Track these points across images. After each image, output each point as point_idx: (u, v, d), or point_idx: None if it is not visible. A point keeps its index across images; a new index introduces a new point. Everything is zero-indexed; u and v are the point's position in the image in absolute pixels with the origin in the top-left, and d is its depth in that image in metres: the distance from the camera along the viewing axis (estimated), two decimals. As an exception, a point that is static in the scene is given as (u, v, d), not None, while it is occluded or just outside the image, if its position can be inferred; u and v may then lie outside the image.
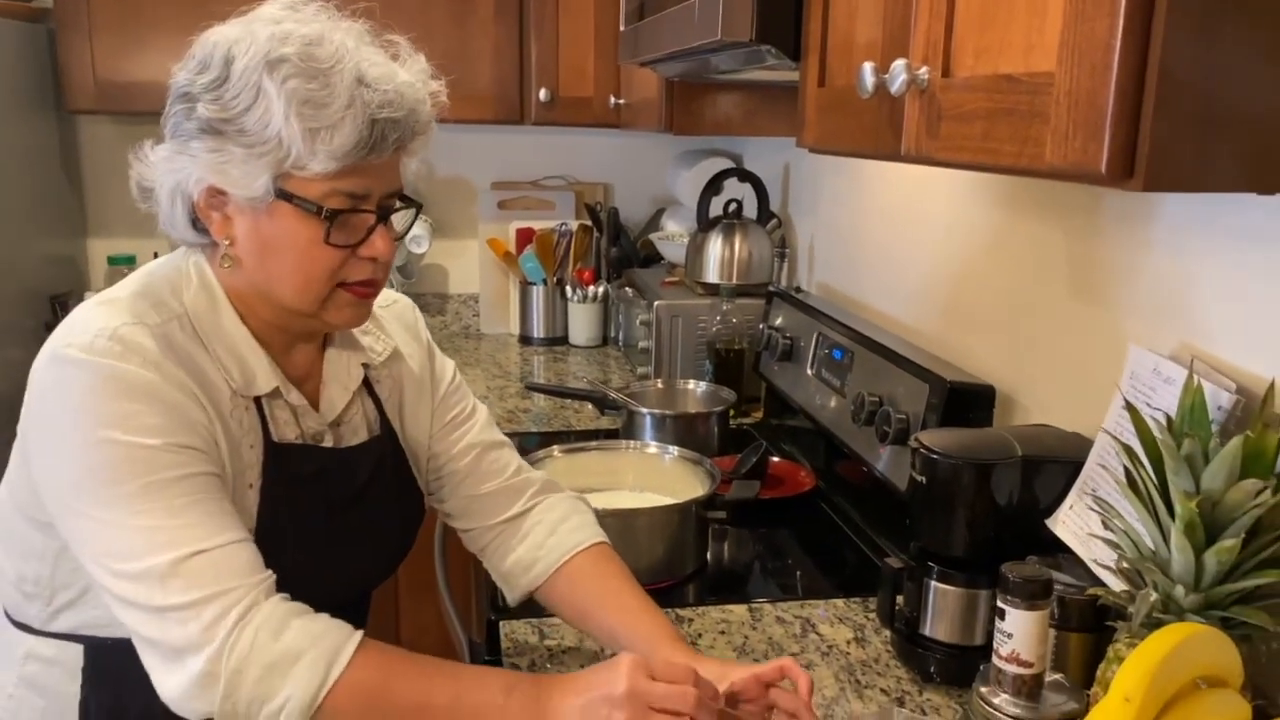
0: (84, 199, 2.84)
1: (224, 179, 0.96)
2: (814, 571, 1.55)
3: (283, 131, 0.92)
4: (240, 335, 1.03)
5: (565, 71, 2.61)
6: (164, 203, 1.01)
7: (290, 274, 1.00)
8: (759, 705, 1.01)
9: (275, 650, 0.90)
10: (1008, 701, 0.97)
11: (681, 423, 1.93)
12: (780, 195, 2.56)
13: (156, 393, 0.95)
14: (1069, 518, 1.14)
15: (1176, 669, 0.83)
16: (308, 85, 0.93)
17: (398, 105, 0.97)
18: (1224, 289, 1.07)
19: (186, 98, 0.96)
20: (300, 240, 0.98)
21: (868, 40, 1.07)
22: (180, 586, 0.91)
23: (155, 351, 0.96)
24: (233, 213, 0.99)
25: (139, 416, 0.93)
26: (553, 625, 1.32)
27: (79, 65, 2.43)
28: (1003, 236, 1.49)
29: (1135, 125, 0.67)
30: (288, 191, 0.96)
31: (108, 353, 0.94)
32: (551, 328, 2.91)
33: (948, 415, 1.40)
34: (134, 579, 0.92)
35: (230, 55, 0.94)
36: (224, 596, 0.91)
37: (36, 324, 2.50)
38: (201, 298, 1.03)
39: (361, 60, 0.96)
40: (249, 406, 1.04)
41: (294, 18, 0.97)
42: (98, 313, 0.98)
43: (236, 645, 0.90)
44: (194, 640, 0.90)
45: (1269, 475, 0.89)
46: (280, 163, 0.94)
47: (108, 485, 0.93)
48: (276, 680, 0.90)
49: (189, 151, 0.96)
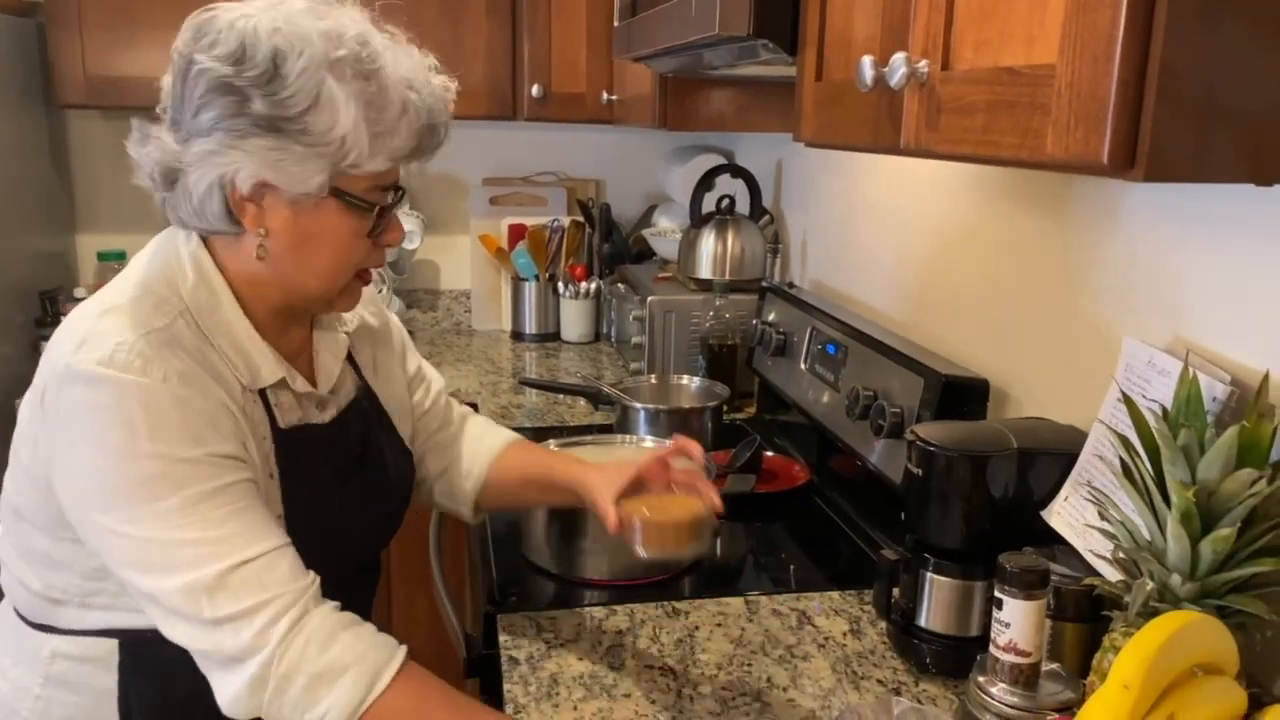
0: (73, 194, 2.82)
1: (279, 175, 0.96)
2: (809, 564, 1.55)
3: (349, 134, 0.94)
4: (243, 328, 1.03)
5: (558, 67, 2.61)
6: (197, 192, 0.98)
7: (325, 265, 1.02)
8: (662, 482, 1.15)
9: (322, 662, 0.92)
10: (1005, 691, 0.98)
11: (675, 418, 1.94)
12: (773, 191, 2.56)
13: (188, 404, 0.95)
14: (1064, 509, 1.15)
15: (1173, 657, 0.83)
16: (368, 88, 0.95)
17: (440, 111, 1.01)
18: (1218, 281, 1.08)
19: (231, 90, 0.94)
20: (343, 234, 1.01)
21: (866, 33, 1.07)
22: (228, 598, 0.92)
23: (177, 360, 0.96)
24: (270, 205, 0.99)
25: (173, 430, 0.93)
26: (549, 618, 1.33)
27: (69, 60, 2.42)
28: (996, 230, 1.50)
29: (1136, 116, 0.68)
30: (339, 188, 0.98)
31: (129, 367, 0.93)
32: (544, 324, 2.91)
33: (942, 409, 1.41)
34: (181, 593, 0.93)
35: (278, 51, 0.93)
36: (273, 604, 0.93)
37: (26, 320, 2.49)
38: (201, 291, 1.02)
39: (398, 60, 0.99)
40: (255, 399, 1.05)
41: (331, 12, 0.97)
42: (107, 323, 0.97)
43: (288, 653, 0.92)
44: (248, 646, 0.92)
45: (1264, 465, 0.90)
46: (338, 162, 0.96)
47: (146, 502, 0.93)
48: (322, 690, 0.92)
49: (243, 147, 0.94)
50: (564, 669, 1.21)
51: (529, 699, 1.15)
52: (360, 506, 1.15)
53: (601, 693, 1.16)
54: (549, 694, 1.16)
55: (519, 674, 1.20)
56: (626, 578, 1.43)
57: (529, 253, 2.87)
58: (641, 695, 1.16)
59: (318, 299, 1.06)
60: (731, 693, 1.17)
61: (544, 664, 1.22)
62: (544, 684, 1.18)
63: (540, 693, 1.16)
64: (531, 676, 1.19)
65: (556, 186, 3.06)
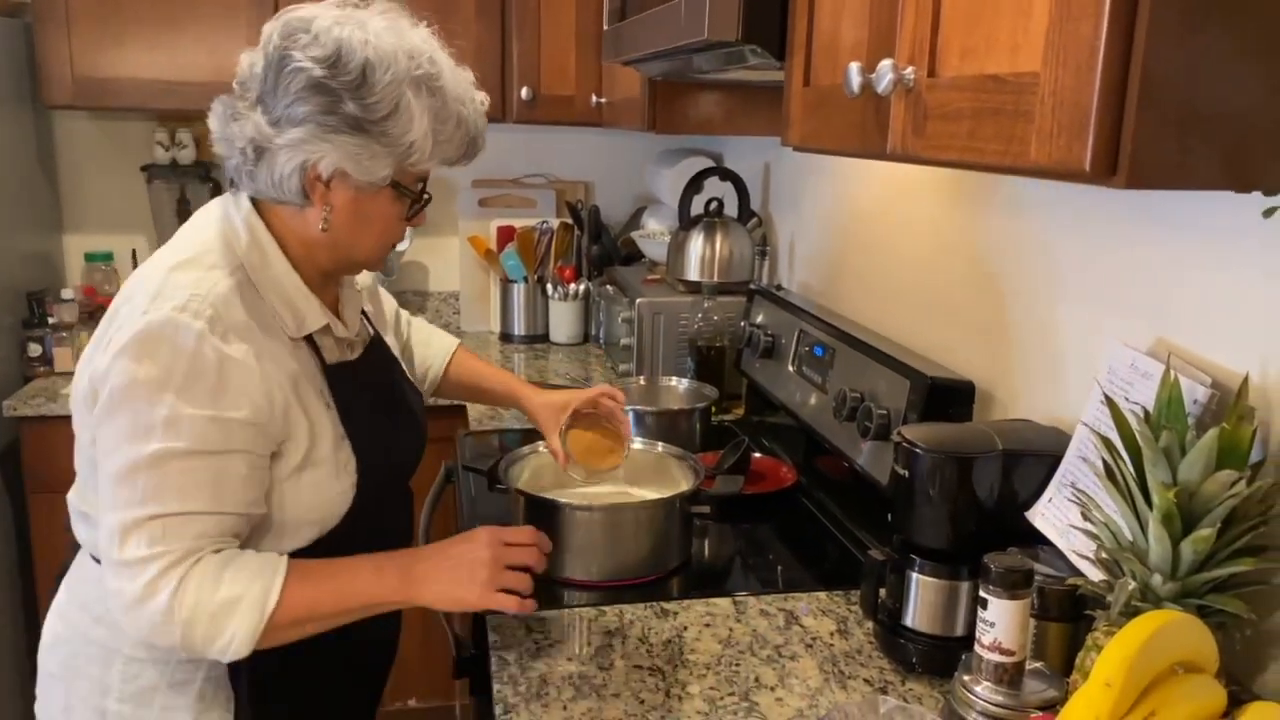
0: (60, 195, 2.81)
1: (355, 166, 1.10)
2: (796, 565, 1.56)
3: (418, 140, 1.10)
4: (292, 283, 1.18)
5: (547, 70, 2.62)
6: (281, 170, 1.11)
7: (374, 239, 1.19)
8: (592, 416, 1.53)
9: (216, 601, 1.06)
10: (989, 689, 0.99)
11: (664, 419, 1.95)
12: (761, 194, 2.58)
13: (231, 362, 1.08)
14: (1048, 510, 1.16)
15: (1155, 655, 0.85)
16: (435, 102, 1.11)
17: (483, 126, 1.19)
18: (1199, 285, 1.09)
19: (326, 91, 1.07)
20: (391, 216, 1.18)
21: (853, 40, 1.08)
22: (135, 544, 1.05)
23: (239, 312, 1.11)
24: (337, 187, 1.13)
25: (199, 387, 1.06)
26: (538, 620, 1.33)
27: (57, 60, 2.42)
28: (981, 233, 1.52)
29: (1118, 125, 0.69)
30: (396, 181, 1.15)
31: (200, 315, 1.07)
32: (532, 325, 2.91)
33: (928, 411, 1.42)
34: (108, 529, 1.07)
35: (369, 62, 1.07)
36: (164, 558, 1.05)
37: (14, 321, 2.48)
38: (254, 251, 1.16)
39: (455, 78, 1.15)
40: (302, 345, 1.19)
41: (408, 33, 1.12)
42: (179, 276, 1.10)
43: (184, 602, 1.05)
44: (136, 595, 1.05)
45: (1243, 466, 0.91)
46: (403, 160, 1.12)
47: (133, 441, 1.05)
48: (223, 622, 1.06)
49: (331, 140, 1.08)
50: (553, 669, 1.22)
51: (518, 699, 1.15)
52: (398, 426, 1.32)
53: (590, 693, 1.17)
54: (538, 694, 1.17)
55: (508, 674, 1.20)
56: (615, 578, 1.44)
57: (518, 254, 2.88)
58: (630, 695, 1.17)
59: (363, 264, 1.24)
60: (720, 693, 1.18)
61: (533, 664, 1.23)
62: (533, 684, 1.19)
63: (530, 693, 1.17)
64: (521, 677, 1.20)
65: (545, 188, 3.07)
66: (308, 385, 1.18)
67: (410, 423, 1.37)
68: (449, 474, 1.84)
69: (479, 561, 1.15)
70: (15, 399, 2.31)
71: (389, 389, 1.34)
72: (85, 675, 1.21)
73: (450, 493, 1.88)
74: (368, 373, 1.30)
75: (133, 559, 1.05)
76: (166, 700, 1.19)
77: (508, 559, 1.16)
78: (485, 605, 1.15)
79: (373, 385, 1.30)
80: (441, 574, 1.15)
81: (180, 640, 1.06)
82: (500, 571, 1.15)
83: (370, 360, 1.31)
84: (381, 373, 1.34)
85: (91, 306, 2.66)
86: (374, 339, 1.35)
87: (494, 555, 1.15)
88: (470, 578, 1.14)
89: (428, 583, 1.14)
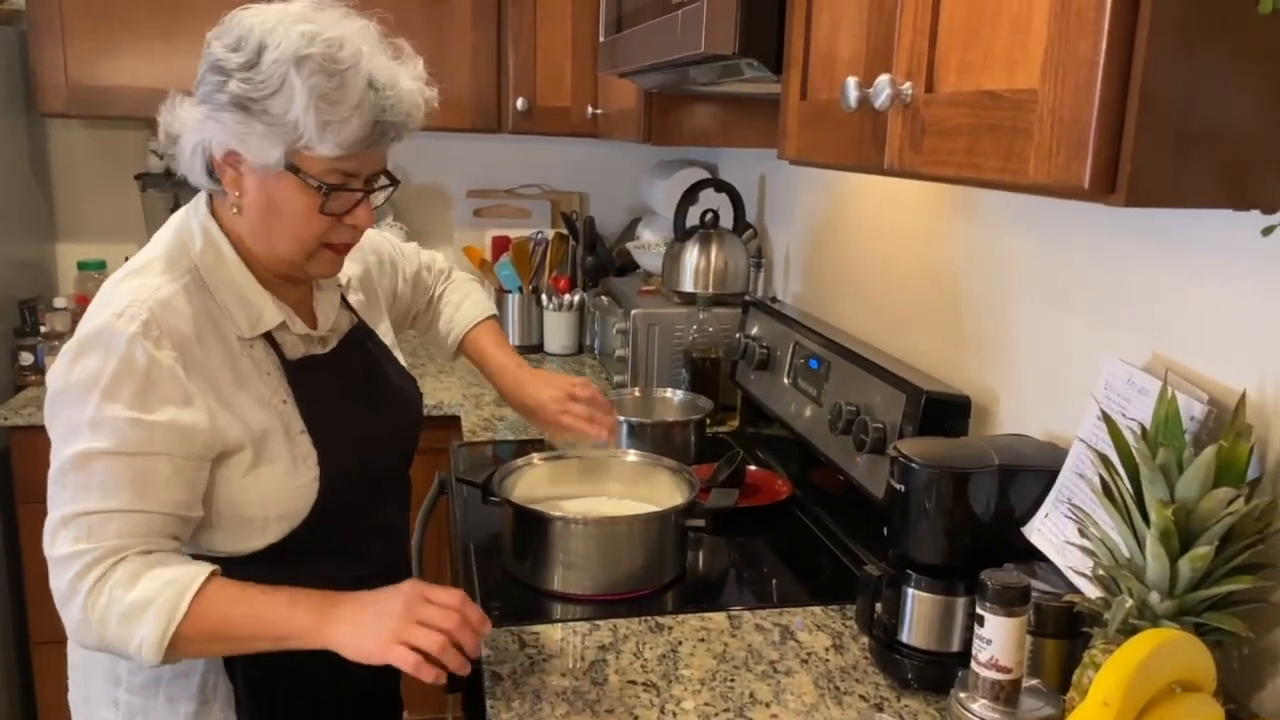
0: (53, 203, 2.80)
1: (243, 147, 1.12)
2: (791, 579, 1.56)
3: (300, 119, 1.08)
4: (246, 281, 1.19)
5: (543, 81, 2.62)
6: (186, 152, 1.16)
7: (287, 232, 1.17)
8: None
9: (127, 602, 1.06)
10: (985, 707, 0.98)
11: (658, 431, 1.94)
12: (756, 206, 2.58)
13: (160, 369, 1.10)
14: (1045, 526, 1.16)
15: (1153, 674, 0.84)
16: (327, 83, 1.08)
17: (398, 109, 1.14)
18: (1197, 301, 1.09)
19: (221, 71, 1.10)
20: (299, 207, 1.15)
21: (851, 54, 1.08)
22: (63, 540, 1.08)
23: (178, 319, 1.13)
24: (245, 172, 1.15)
25: (128, 391, 1.08)
26: (532, 634, 1.32)
27: (51, 68, 2.41)
28: (978, 248, 1.52)
29: (1118, 142, 0.69)
30: (295, 166, 1.13)
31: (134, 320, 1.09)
32: (527, 336, 2.91)
33: (924, 425, 1.42)
34: (48, 527, 1.09)
35: (263, 44, 1.09)
36: (88, 554, 1.07)
37: (5, 329, 2.47)
38: (209, 251, 1.19)
39: (374, 64, 1.13)
40: (254, 344, 1.20)
41: (321, 19, 1.12)
42: (126, 285, 1.14)
43: (98, 602, 1.06)
44: (64, 591, 1.08)
45: (1241, 484, 0.91)
46: (293, 142, 1.10)
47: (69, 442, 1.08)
48: (131, 626, 1.06)
49: (218, 119, 1.11)
50: (547, 684, 1.21)
51: (512, 715, 1.15)
52: (373, 415, 1.32)
53: (584, 708, 1.16)
54: (532, 710, 1.16)
55: (501, 690, 1.20)
56: (609, 592, 1.43)
57: (513, 265, 2.87)
58: (624, 711, 1.16)
59: (289, 262, 1.20)
60: (714, 708, 1.17)
61: (527, 679, 1.22)
62: (527, 700, 1.18)
63: (524, 709, 1.16)
64: (514, 692, 1.19)
65: (540, 199, 3.07)
66: (259, 384, 1.19)
67: (395, 415, 1.36)
68: (442, 486, 1.83)
69: (388, 612, 1.08)
70: (6, 408, 2.29)
71: (366, 382, 1.33)
72: (99, 665, 1.25)
73: (443, 505, 1.87)
74: (341, 365, 1.30)
75: (60, 555, 1.08)
76: (171, 691, 1.22)
77: (420, 615, 1.07)
78: (383, 658, 1.06)
79: (346, 378, 1.30)
80: (353, 620, 1.08)
81: (96, 640, 1.08)
82: (408, 626, 1.06)
83: (346, 353, 1.32)
84: (360, 366, 1.34)
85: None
86: (355, 331, 1.35)
87: (405, 607, 1.08)
88: (376, 628, 1.07)
89: (338, 626, 1.08)
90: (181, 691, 1.22)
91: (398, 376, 1.41)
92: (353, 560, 1.29)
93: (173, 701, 1.23)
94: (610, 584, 1.43)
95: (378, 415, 1.33)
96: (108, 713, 1.25)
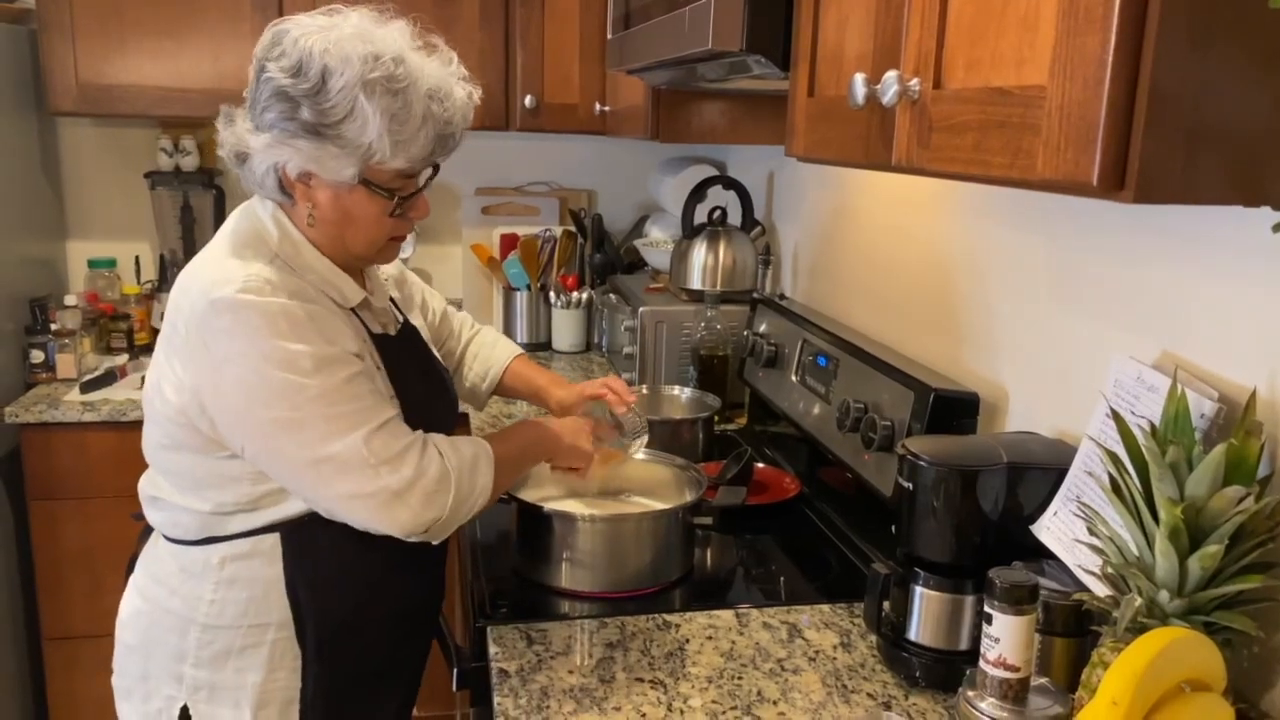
0: (64, 202, 2.81)
1: (319, 168, 1.19)
2: (799, 577, 1.55)
3: (374, 141, 1.16)
4: (325, 265, 1.26)
5: (550, 78, 2.62)
6: (258, 172, 1.22)
7: (362, 236, 1.26)
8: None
9: (465, 456, 1.25)
10: (994, 705, 0.98)
11: (666, 429, 1.94)
12: (764, 203, 2.57)
13: (315, 316, 1.19)
14: (1054, 524, 1.15)
15: (1162, 673, 0.84)
16: (394, 103, 1.15)
17: (455, 122, 1.23)
18: (1207, 298, 1.09)
19: (286, 99, 1.15)
20: (372, 213, 1.24)
21: (858, 51, 1.08)
22: (381, 445, 1.18)
23: (294, 283, 1.20)
24: (316, 186, 1.22)
25: (311, 333, 1.17)
26: (540, 631, 1.33)
27: (61, 67, 2.42)
28: (986, 245, 1.51)
29: (1126, 139, 0.69)
30: (368, 179, 1.21)
31: (263, 291, 1.16)
32: (535, 333, 2.91)
33: (933, 422, 1.41)
34: (347, 450, 1.16)
35: (327, 68, 1.14)
36: (415, 445, 1.21)
37: (16, 327, 2.48)
38: (286, 243, 1.25)
39: (426, 73, 1.19)
40: (351, 315, 1.28)
41: (372, 33, 1.17)
42: (230, 264, 1.20)
43: (450, 461, 1.23)
44: (410, 476, 1.18)
45: (1251, 482, 0.91)
46: (366, 160, 1.18)
47: (302, 391, 1.15)
48: (475, 475, 1.25)
49: (292, 145, 1.17)
50: (554, 682, 1.21)
51: (519, 712, 1.15)
52: (435, 396, 1.43)
53: (592, 706, 1.16)
54: (539, 707, 1.16)
55: (509, 686, 1.20)
56: (617, 590, 1.43)
57: (521, 262, 2.87)
58: (632, 709, 1.16)
59: (360, 258, 1.30)
60: (722, 706, 1.17)
61: (534, 677, 1.22)
62: (534, 697, 1.18)
63: (531, 705, 1.16)
64: (522, 689, 1.19)
65: (549, 196, 3.07)
66: (363, 347, 1.27)
67: (445, 394, 1.48)
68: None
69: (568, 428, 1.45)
70: (17, 405, 2.30)
71: (427, 362, 1.45)
72: (163, 644, 1.29)
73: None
74: (407, 346, 1.40)
75: (390, 455, 1.18)
76: (239, 663, 1.27)
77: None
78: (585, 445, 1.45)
79: (417, 360, 1.41)
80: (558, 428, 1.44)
81: (450, 500, 1.21)
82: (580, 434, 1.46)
83: (407, 337, 1.42)
84: (418, 348, 1.44)
85: (94, 313, 2.66)
86: (405, 321, 1.44)
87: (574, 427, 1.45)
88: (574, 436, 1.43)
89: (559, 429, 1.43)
90: (251, 662, 1.26)
91: (441, 367, 1.50)
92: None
93: (240, 672, 1.26)
94: (618, 581, 1.44)
95: (436, 397, 1.43)
96: (170, 689, 1.28)
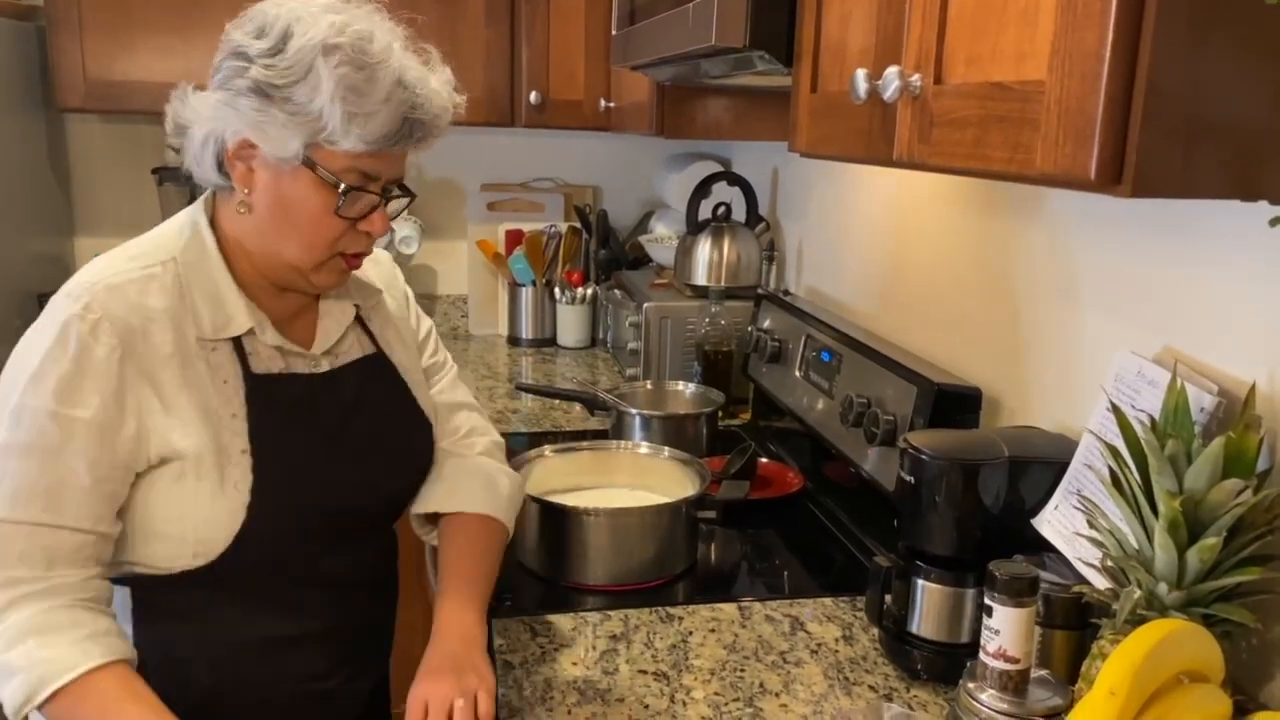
0: (72, 197, 2.83)
1: (261, 136, 1.05)
2: (802, 571, 1.56)
3: (325, 109, 1.03)
4: (224, 280, 1.12)
5: (555, 74, 2.62)
6: (196, 142, 1.10)
7: (297, 234, 1.10)
8: None
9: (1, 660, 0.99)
10: (994, 697, 0.99)
11: (670, 424, 1.95)
12: (769, 198, 2.58)
13: (91, 357, 1.03)
14: (1054, 517, 1.16)
15: (1160, 664, 0.85)
16: (355, 74, 1.03)
17: (427, 109, 1.09)
18: (1207, 293, 1.09)
19: (242, 56, 1.05)
20: (313, 205, 1.08)
21: (860, 47, 1.08)
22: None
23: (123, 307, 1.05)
24: (257, 166, 1.09)
25: (50, 379, 1.02)
26: (544, 623, 1.34)
27: (69, 63, 2.43)
28: (988, 240, 1.51)
29: (1124, 133, 0.69)
30: (313, 160, 1.06)
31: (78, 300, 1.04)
32: (540, 329, 2.92)
33: (935, 417, 1.42)
34: None
35: (289, 31, 1.04)
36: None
37: (23, 323, 2.47)
38: (193, 246, 1.13)
39: (404, 63, 1.08)
40: (217, 347, 1.11)
41: (351, 11, 1.08)
42: (90, 265, 1.10)
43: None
44: None
45: (1250, 475, 0.91)
46: (314, 134, 1.05)
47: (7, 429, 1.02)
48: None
49: (235, 106, 1.05)
50: (558, 674, 1.22)
51: (523, 703, 1.16)
52: (351, 459, 1.19)
53: (595, 697, 1.17)
54: (543, 699, 1.17)
55: (513, 678, 1.21)
56: (620, 583, 1.44)
57: (526, 258, 2.88)
58: (635, 700, 1.17)
59: (293, 268, 1.13)
60: (724, 698, 1.18)
61: (538, 669, 1.23)
62: (538, 688, 1.19)
63: (534, 697, 1.17)
64: (526, 681, 1.20)
65: (554, 193, 3.08)
66: (209, 391, 1.09)
67: (384, 460, 1.22)
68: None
69: None
70: (25, 400, 2.32)
71: (353, 416, 1.20)
72: None
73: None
74: (328, 392, 1.18)
75: None
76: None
77: None
78: None
79: (328, 407, 1.18)
80: None
81: None
82: None
83: (343, 381, 1.20)
84: (355, 397, 1.20)
85: (102, 308, 2.67)
86: (368, 361, 1.24)
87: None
88: None
89: None
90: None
91: (406, 420, 1.27)
92: (285, 614, 1.17)
93: None
94: (622, 575, 1.44)
95: (353, 461, 1.18)
96: None
